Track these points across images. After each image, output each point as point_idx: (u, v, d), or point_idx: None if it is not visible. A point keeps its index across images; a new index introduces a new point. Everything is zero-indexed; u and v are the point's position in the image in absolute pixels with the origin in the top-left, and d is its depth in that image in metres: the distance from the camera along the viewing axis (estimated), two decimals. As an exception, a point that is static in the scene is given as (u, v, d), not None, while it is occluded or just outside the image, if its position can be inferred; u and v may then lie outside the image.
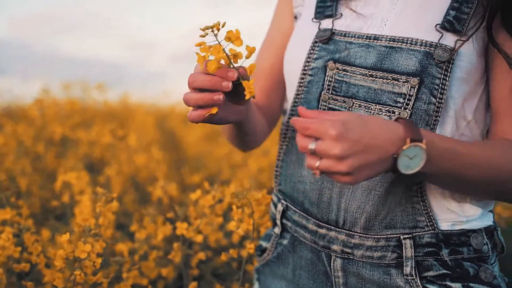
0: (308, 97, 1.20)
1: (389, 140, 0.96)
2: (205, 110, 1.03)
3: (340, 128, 0.92)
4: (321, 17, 1.23)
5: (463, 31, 1.10)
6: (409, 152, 0.96)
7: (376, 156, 0.94)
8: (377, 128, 0.96)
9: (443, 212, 1.13)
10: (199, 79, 1.01)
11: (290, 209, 1.24)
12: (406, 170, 0.96)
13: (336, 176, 0.94)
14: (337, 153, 0.91)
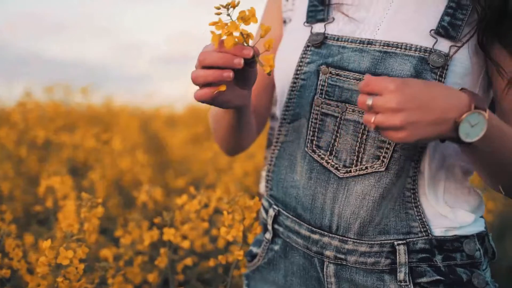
0: (301, 102, 1.19)
1: (452, 104, 0.96)
2: (213, 88, 1.03)
3: (400, 84, 0.95)
4: (313, 21, 1.22)
5: (458, 37, 1.10)
6: (472, 119, 0.96)
7: (434, 116, 0.95)
8: (439, 91, 0.97)
9: (436, 217, 1.13)
10: (211, 56, 1.01)
11: (282, 214, 1.23)
12: (465, 137, 0.97)
13: (390, 132, 0.96)
14: (393, 106, 0.94)
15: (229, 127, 1.28)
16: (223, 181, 2.45)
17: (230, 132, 1.30)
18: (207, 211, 1.62)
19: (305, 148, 1.17)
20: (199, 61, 1.03)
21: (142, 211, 2.17)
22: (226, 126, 1.28)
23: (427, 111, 0.95)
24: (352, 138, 1.12)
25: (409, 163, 1.11)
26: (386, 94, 0.95)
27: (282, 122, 1.23)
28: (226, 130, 1.30)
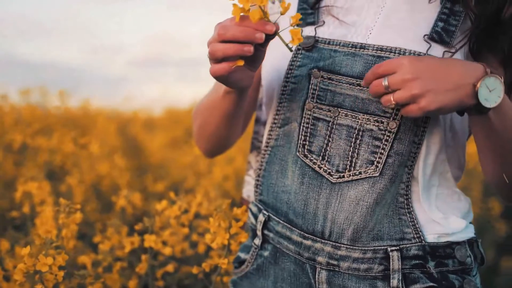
0: (292, 106, 1.18)
1: (468, 69, 1.00)
2: (231, 62, 1.02)
3: (413, 58, 1.00)
4: (303, 24, 1.20)
5: (451, 43, 1.10)
6: (489, 83, 0.99)
7: (452, 82, 0.99)
8: (454, 61, 1.02)
9: (429, 223, 1.13)
10: (232, 29, 1.00)
11: (273, 219, 1.20)
12: (485, 102, 0.99)
13: (410, 106, 0.99)
14: (409, 76, 0.98)
15: (224, 116, 1.26)
16: (203, 185, 2.44)
17: (224, 122, 1.28)
18: (187, 216, 1.61)
19: (297, 152, 1.15)
20: (218, 35, 1.01)
21: (121, 216, 2.14)
22: (221, 114, 1.26)
23: (444, 78, 0.99)
24: (345, 143, 1.11)
25: (403, 169, 1.11)
26: (400, 69, 0.99)
27: (273, 127, 1.21)
28: (221, 119, 1.27)
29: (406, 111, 1.01)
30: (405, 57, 1.01)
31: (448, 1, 1.13)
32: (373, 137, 1.10)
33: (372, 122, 1.10)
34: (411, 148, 1.10)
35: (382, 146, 1.10)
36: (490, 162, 1.14)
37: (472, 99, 1.00)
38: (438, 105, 0.98)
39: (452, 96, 0.99)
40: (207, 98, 1.32)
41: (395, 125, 1.09)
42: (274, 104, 1.22)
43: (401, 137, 1.09)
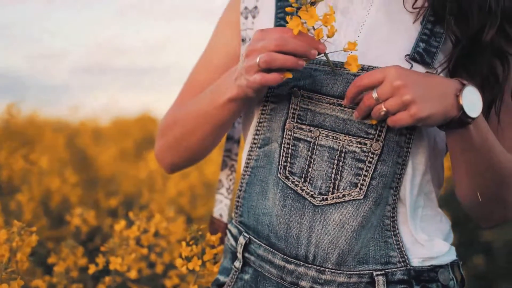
0: (272, 125, 1.15)
1: (448, 82, 1.03)
2: (282, 74, 1.03)
3: (398, 66, 1.01)
4: None
5: (432, 64, 1.11)
6: (470, 92, 1.02)
7: (437, 90, 1.01)
8: (434, 75, 1.05)
9: (414, 246, 1.11)
10: (293, 43, 1.01)
11: (254, 242, 1.15)
12: (469, 111, 1.01)
13: (401, 114, 0.99)
14: (400, 83, 0.98)
15: (218, 126, 1.22)
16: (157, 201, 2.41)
17: (214, 133, 1.24)
18: (146, 236, 1.59)
19: (278, 174, 1.12)
20: (276, 45, 1.01)
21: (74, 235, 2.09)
22: (215, 124, 1.21)
23: (430, 86, 1.00)
24: (327, 165, 1.09)
25: (388, 191, 1.09)
26: (388, 77, 0.99)
27: (252, 147, 1.18)
28: (212, 129, 1.23)
29: (395, 120, 1.01)
30: (390, 67, 1.01)
31: (429, 22, 1.13)
32: (356, 159, 1.08)
33: (354, 144, 1.09)
34: (395, 169, 1.09)
35: (366, 168, 1.08)
36: (465, 179, 1.14)
37: (456, 110, 1.01)
38: (428, 112, 0.99)
39: (440, 104, 1.00)
40: (195, 107, 1.25)
41: (378, 146, 1.08)
42: (253, 123, 1.19)
43: (385, 158, 1.08)
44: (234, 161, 1.41)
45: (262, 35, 1.05)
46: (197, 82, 1.35)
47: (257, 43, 1.05)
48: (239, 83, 1.10)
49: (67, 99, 16.20)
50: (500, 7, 1.10)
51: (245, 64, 1.06)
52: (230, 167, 1.42)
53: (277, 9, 1.23)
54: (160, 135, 1.35)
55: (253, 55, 1.04)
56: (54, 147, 3.68)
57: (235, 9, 1.32)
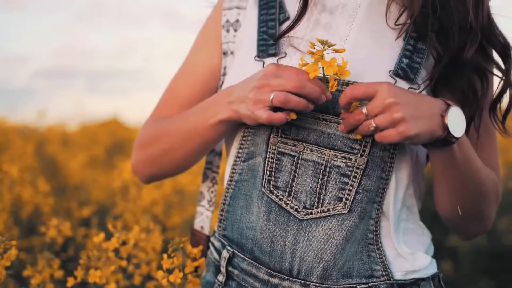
0: (256, 139, 1.15)
1: (434, 101, 1.05)
2: (288, 114, 1.06)
3: (390, 83, 1.02)
4: (264, 55, 1.18)
5: (415, 80, 1.12)
6: (455, 113, 1.04)
7: (425, 110, 1.02)
8: (420, 94, 1.08)
9: (397, 259, 1.13)
10: (310, 87, 1.04)
11: (238, 256, 1.15)
12: (454, 132, 1.03)
13: (389, 131, 1.01)
14: (391, 100, 0.99)
15: (204, 144, 1.22)
16: (131, 210, 2.39)
17: (201, 150, 1.24)
18: (126, 248, 1.58)
19: (262, 188, 1.12)
20: (294, 87, 1.03)
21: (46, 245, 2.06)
22: (202, 142, 1.21)
23: (419, 105, 1.02)
24: (312, 179, 1.10)
25: (372, 205, 1.10)
26: (380, 93, 1.00)
27: (236, 160, 1.18)
28: (199, 147, 1.23)
29: (383, 136, 1.02)
30: (383, 82, 1.02)
31: (411, 38, 1.15)
32: (340, 174, 1.09)
33: (339, 159, 1.10)
34: (379, 184, 1.10)
35: (350, 183, 1.09)
36: (446, 194, 1.16)
37: (441, 130, 1.03)
38: (416, 131, 1.00)
39: (427, 124, 1.02)
40: (181, 124, 1.24)
41: (363, 161, 1.09)
42: (237, 137, 1.19)
43: (369, 173, 1.09)
44: (216, 174, 1.40)
45: (278, 71, 1.06)
46: (177, 95, 1.35)
47: (272, 79, 1.05)
48: (237, 108, 1.10)
49: (32, 104, 15.88)
50: (479, 25, 1.12)
51: (255, 96, 1.06)
52: (212, 179, 1.41)
53: (260, 23, 1.24)
54: (140, 147, 1.33)
55: (265, 89, 1.05)
56: (23, 154, 3.61)
57: (216, 22, 1.32)
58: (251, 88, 1.07)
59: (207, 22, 1.37)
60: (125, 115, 10.27)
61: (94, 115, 8.85)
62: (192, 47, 1.38)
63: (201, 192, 1.43)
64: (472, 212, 1.18)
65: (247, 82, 1.10)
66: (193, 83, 1.33)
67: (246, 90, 1.09)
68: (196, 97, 1.32)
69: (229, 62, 1.30)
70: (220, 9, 1.32)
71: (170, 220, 2.52)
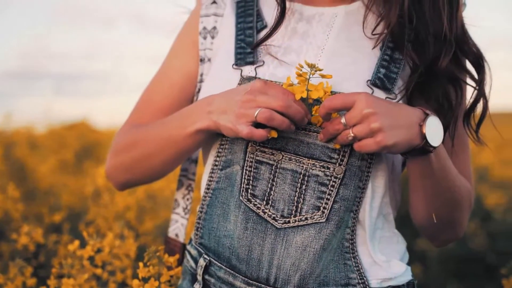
0: (234, 148, 1.15)
1: (412, 111, 1.06)
2: (268, 132, 1.07)
3: (367, 93, 1.03)
4: (242, 63, 1.18)
5: (392, 89, 1.13)
6: (433, 122, 1.05)
7: (403, 119, 1.04)
8: (399, 103, 1.09)
9: (373, 267, 1.14)
10: (295, 108, 1.05)
11: (214, 264, 1.15)
12: (432, 141, 1.04)
13: (367, 140, 1.02)
14: (370, 111, 1.00)
15: (181, 153, 1.21)
16: (104, 216, 2.36)
17: (177, 158, 1.23)
18: (101, 256, 1.56)
19: (240, 197, 1.12)
20: (281, 106, 1.04)
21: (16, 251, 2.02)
22: (179, 151, 1.20)
23: (397, 115, 1.03)
24: (290, 188, 1.10)
25: (348, 214, 1.11)
26: (358, 103, 1.01)
27: (214, 169, 1.18)
28: (175, 155, 1.22)
29: (361, 145, 1.03)
30: (360, 93, 1.03)
31: (388, 48, 1.16)
32: (319, 183, 1.10)
33: (318, 168, 1.10)
34: (356, 193, 1.11)
35: (328, 192, 1.10)
36: (422, 202, 1.17)
37: (419, 139, 1.04)
38: (394, 141, 1.02)
39: (405, 133, 1.03)
40: (159, 131, 1.23)
41: (341, 170, 1.09)
42: (215, 145, 1.19)
43: (347, 182, 1.10)
44: (191, 181, 1.40)
45: (264, 88, 1.06)
46: (153, 101, 1.34)
47: (259, 95, 1.05)
48: (217, 119, 1.10)
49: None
50: (453, 35, 1.14)
51: (239, 110, 1.06)
52: (187, 187, 1.41)
53: (238, 30, 1.24)
54: (115, 153, 1.32)
55: (251, 104, 1.05)
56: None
57: (193, 29, 1.31)
58: (235, 101, 1.07)
59: (183, 28, 1.36)
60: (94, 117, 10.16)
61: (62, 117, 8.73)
62: (168, 53, 1.37)
63: (176, 199, 1.42)
64: (446, 220, 1.20)
65: (230, 94, 1.10)
66: (169, 89, 1.33)
67: (229, 102, 1.09)
68: (173, 104, 1.32)
69: (206, 69, 1.29)
70: (197, 16, 1.31)
71: (142, 226, 2.49)
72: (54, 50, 21.59)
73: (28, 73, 21.09)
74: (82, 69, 24.06)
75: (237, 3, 1.28)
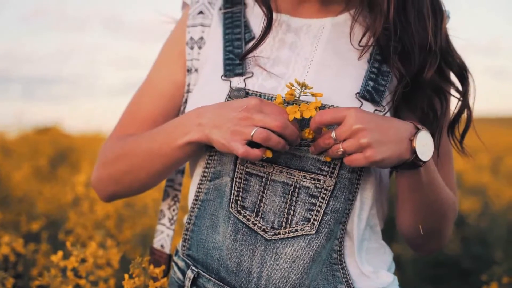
0: (223, 159, 1.15)
1: (402, 125, 1.07)
2: (263, 153, 1.06)
3: (358, 108, 1.05)
4: (231, 75, 1.18)
5: (381, 102, 1.14)
6: (423, 137, 1.06)
7: (393, 135, 1.05)
8: (389, 117, 1.10)
9: (361, 279, 1.15)
10: (291, 129, 1.06)
11: (203, 276, 1.15)
12: (422, 156, 1.06)
13: (356, 155, 1.03)
14: (359, 126, 1.01)
15: (171, 165, 1.20)
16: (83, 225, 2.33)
17: (166, 171, 1.22)
18: (84, 267, 1.54)
19: (229, 208, 1.12)
20: (277, 126, 1.04)
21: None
22: (167, 163, 1.19)
23: (386, 130, 1.04)
24: (281, 200, 1.11)
25: (338, 226, 1.12)
26: (348, 119, 1.02)
27: (202, 180, 1.17)
28: (164, 168, 1.20)
29: (351, 160, 1.04)
30: (351, 108, 1.04)
31: (376, 60, 1.17)
32: (309, 195, 1.11)
33: (308, 180, 1.11)
34: (346, 205, 1.12)
35: (319, 204, 1.10)
36: (410, 213, 1.18)
37: (409, 154, 1.06)
38: (382, 156, 1.02)
39: (395, 149, 1.04)
40: (147, 143, 1.21)
41: (331, 183, 1.10)
42: (204, 156, 1.18)
43: (337, 194, 1.11)
44: (178, 191, 1.39)
45: (260, 106, 1.06)
46: (140, 112, 1.33)
47: (255, 114, 1.05)
48: (208, 132, 1.09)
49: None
50: (438, 46, 1.16)
51: (234, 127, 1.05)
52: (173, 197, 1.40)
53: (226, 41, 1.24)
54: (102, 165, 1.31)
55: (247, 122, 1.05)
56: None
57: (180, 39, 1.31)
58: (230, 118, 1.07)
59: (170, 38, 1.36)
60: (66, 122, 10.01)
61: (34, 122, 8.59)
62: (154, 63, 1.36)
63: (161, 210, 1.41)
64: (432, 231, 1.22)
65: (224, 109, 1.09)
66: (156, 99, 1.32)
67: (223, 117, 1.08)
68: (160, 114, 1.31)
69: (193, 79, 1.29)
70: (184, 26, 1.31)
71: (122, 235, 2.47)
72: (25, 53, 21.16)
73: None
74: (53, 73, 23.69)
75: (224, 14, 1.28)
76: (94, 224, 2.38)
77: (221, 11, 1.28)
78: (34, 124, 7.97)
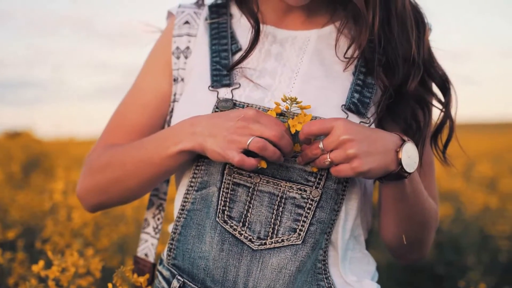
0: (210, 169, 1.15)
1: (388, 137, 1.08)
2: (259, 162, 1.07)
3: (345, 119, 1.05)
4: (218, 86, 1.19)
5: (366, 114, 1.16)
6: (409, 149, 1.08)
7: (379, 146, 1.05)
8: (376, 129, 1.11)
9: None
10: (286, 139, 1.06)
11: (189, 286, 1.15)
12: (407, 167, 1.07)
13: (343, 166, 1.04)
14: (346, 137, 1.02)
15: (161, 174, 1.19)
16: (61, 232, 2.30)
17: (155, 180, 1.21)
18: (66, 276, 1.53)
19: (216, 218, 1.13)
20: (275, 136, 1.04)
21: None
22: (158, 172, 1.18)
23: (373, 141, 1.05)
24: (267, 210, 1.11)
25: (323, 236, 1.13)
26: (336, 130, 1.03)
27: (189, 190, 1.17)
28: (154, 177, 1.19)
29: (337, 170, 1.04)
30: (338, 118, 1.05)
31: (361, 73, 1.18)
32: (295, 205, 1.11)
33: (295, 190, 1.12)
34: (331, 215, 1.13)
35: (305, 214, 1.11)
36: (393, 224, 1.20)
37: (395, 165, 1.07)
38: (369, 166, 1.03)
39: (381, 160, 1.05)
40: (137, 152, 1.20)
41: (317, 193, 1.11)
42: (191, 166, 1.18)
43: (323, 205, 1.12)
44: (163, 200, 1.39)
45: (257, 116, 1.06)
46: (126, 120, 1.32)
47: (252, 123, 1.05)
48: (202, 141, 1.09)
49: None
50: (421, 58, 1.18)
51: (231, 136, 1.06)
52: (158, 206, 1.40)
53: (212, 52, 1.24)
54: (88, 174, 1.29)
55: (244, 131, 1.05)
56: None
57: (166, 48, 1.31)
58: (227, 127, 1.07)
59: (155, 47, 1.36)
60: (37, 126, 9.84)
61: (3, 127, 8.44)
62: (140, 72, 1.36)
63: (146, 219, 1.41)
64: (415, 240, 1.24)
65: (220, 119, 1.09)
66: (143, 108, 1.31)
67: (219, 127, 1.08)
68: (146, 123, 1.31)
69: (179, 89, 1.29)
70: (170, 35, 1.31)
71: (99, 242, 2.45)
72: None
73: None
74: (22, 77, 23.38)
75: (210, 24, 1.28)
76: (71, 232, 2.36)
77: (207, 21, 1.29)
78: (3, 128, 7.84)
